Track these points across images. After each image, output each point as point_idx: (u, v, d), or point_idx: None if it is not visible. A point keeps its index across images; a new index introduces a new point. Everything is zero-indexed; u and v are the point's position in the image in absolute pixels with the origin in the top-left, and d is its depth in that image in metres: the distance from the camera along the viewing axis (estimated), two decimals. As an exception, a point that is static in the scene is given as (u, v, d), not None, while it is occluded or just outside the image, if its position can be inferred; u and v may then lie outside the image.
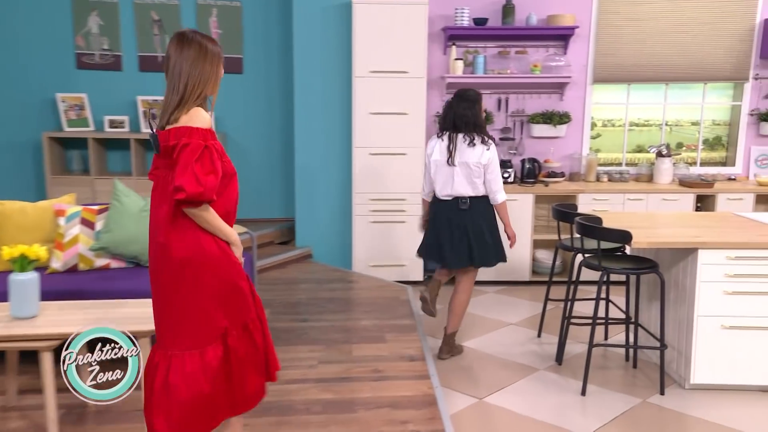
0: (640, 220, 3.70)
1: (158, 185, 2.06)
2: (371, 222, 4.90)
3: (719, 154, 5.50)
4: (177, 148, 1.96)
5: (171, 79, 2.02)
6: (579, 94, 5.26)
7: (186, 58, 2.02)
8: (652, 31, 5.15)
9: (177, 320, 2.07)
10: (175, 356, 2.08)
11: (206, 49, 2.04)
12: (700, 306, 3.18)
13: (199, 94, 2.03)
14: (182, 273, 2.04)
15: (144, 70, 5.39)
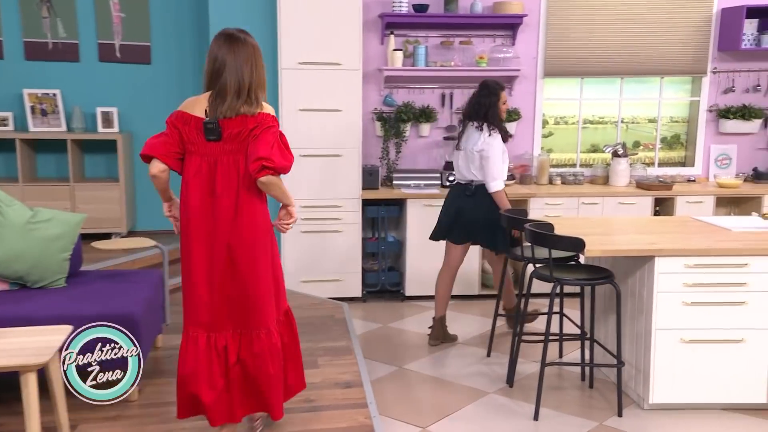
0: (595, 226, 3.71)
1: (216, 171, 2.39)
2: (303, 232, 4.76)
3: (678, 154, 5.59)
4: (261, 128, 2.38)
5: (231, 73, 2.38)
6: (529, 89, 5.27)
7: (243, 59, 2.40)
8: (605, 21, 5.21)
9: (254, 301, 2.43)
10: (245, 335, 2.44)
11: (256, 47, 2.45)
12: (658, 318, 3.17)
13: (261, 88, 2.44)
14: (260, 254, 2.43)
15: (31, 58, 5.07)
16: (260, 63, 2.46)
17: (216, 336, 2.43)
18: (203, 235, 2.42)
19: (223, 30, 2.46)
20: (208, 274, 2.42)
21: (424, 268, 4.89)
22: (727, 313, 3.15)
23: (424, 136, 5.21)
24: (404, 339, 4.23)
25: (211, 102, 2.40)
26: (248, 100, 2.40)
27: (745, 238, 3.30)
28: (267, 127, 2.40)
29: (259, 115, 2.42)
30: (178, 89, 5.32)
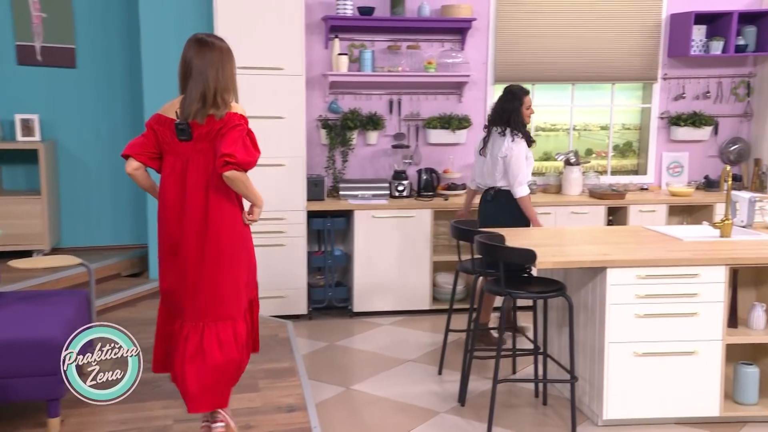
0: (547, 237, 3.76)
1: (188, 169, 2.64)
2: (243, 246, 4.68)
3: (631, 162, 5.74)
4: (227, 127, 2.61)
5: (197, 77, 2.63)
6: (479, 95, 5.33)
7: (208, 63, 2.64)
8: (555, 26, 5.32)
9: (217, 293, 2.67)
10: (208, 326, 2.68)
11: (224, 51, 2.69)
12: (611, 331, 3.22)
13: (228, 91, 2.66)
14: (226, 249, 2.67)
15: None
16: (228, 66, 2.69)
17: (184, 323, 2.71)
18: (176, 230, 2.68)
19: (194, 35, 2.73)
20: (180, 267, 2.69)
21: (373, 282, 4.88)
22: (679, 325, 3.23)
23: (371, 144, 5.21)
24: (352, 358, 4.20)
25: (181, 104, 2.66)
26: (215, 104, 2.63)
27: (696, 247, 3.40)
28: (233, 126, 2.63)
29: (227, 115, 2.65)
30: (106, 94, 5.18)
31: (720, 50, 5.20)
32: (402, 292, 4.93)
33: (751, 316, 3.34)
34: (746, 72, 5.46)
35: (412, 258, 4.89)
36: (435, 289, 5.05)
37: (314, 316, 4.94)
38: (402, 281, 4.91)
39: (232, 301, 2.71)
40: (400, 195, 5.03)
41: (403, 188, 5.04)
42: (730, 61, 5.42)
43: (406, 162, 5.19)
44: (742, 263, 3.24)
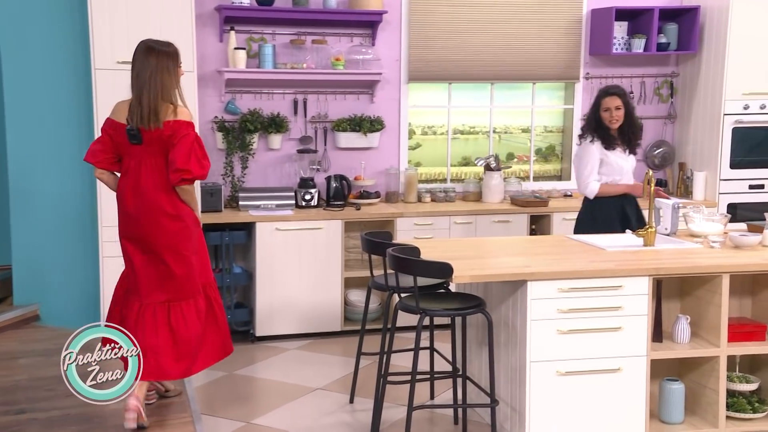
0: (466, 249, 3.77)
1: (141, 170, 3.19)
2: (127, 265, 4.49)
3: (554, 166, 5.87)
4: (177, 136, 3.13)
5: (142, 85, 3.14)
6: (393, 95, 5.34)
7: (155, 66, 3.13)
8: (472, 22, 5.39)
9: (178, 275, 3.26)
10: (173, 305, 3.27)
11: (171, 56, 3.18)
12: (532, 350, 3.25)
13: (171, 97, 3.16)
14: (184, 235, 3.25)
15: None
16: (174, 71, 3.19)
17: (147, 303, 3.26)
18: (133, 225, 3.23)
19: (143, 41, 3.24)
20: (140, 257, 3.26)
21: (278, 302, 4.79)
22: (603, 341, 3.28)
23: (274, 148, 5.13)
24: (255, 388, 4.10)
25: (130, 110, 3.17)
26: (159, 110, 3.14)
27: (619, 258, 3.48)
28: (182, 136, 3.13)
29: (174, 123, 3.15)
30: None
31: (642, 48, 5.40)
32: (310, 312, 4.85)
33: (676, 329, 3.44)
34: (669, 71, 5.69)
35: (321, 275, 4.83)
36: (347, 308, 5.00)
37: (211, 342, 4.80)
38: (310, 301, 4.84)
39: (189, 283, 3.30)
40: (308, 205, 4.98)
41: (310, 197, 4.99)
42: (653, 60, 5.64)
43: (314, 168, 5.14)
44: (665, 273, 3.34)
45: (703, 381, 3.46)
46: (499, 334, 3.47)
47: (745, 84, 5.23)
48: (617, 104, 4.19)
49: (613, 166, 4.22)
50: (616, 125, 4.21)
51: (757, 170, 5.36)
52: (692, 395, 3.50)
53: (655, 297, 3.43)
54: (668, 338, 3.48)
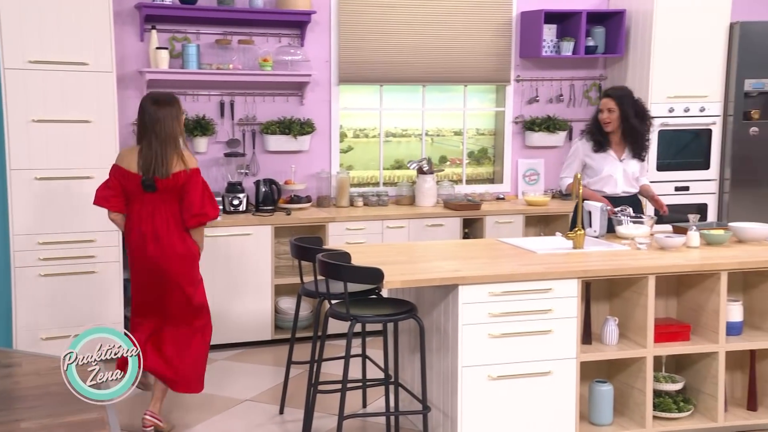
0: (398, 253, 3.76)
1: (155, 216, 3.52)
2: (42, 275, 4.35)
3: (486, 170, 5.91)
4: (191, 183, 3.50)
5: (152, 136, 3.46)
6: (323, 97, 5.30)
7: (165, 116, 3.46)
8: (403, 23, 5.39)
9: (189, 305, 3.63)
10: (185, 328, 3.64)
11: (174, 105, 3.52)
12: (464, 355, 3.25)
13: (178, 145, 3.50)
14: (193, 270, 3.65)
15: None
16: (179, 119, 3.53)
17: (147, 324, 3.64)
18: (140, 261, 3.59)
19: (148, 93, 3.64)
20: (145, 288, 3.64)
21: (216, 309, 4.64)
22: (534, 344, 3.31)
23: (200, 152, 5.03)
24: (180, 401, 3.99)
25: (142, 159, 3.47)
26: (171, 160, 3.46)
27: (549, 260, 3.51)
28: (196, 182, 3.51)
29: (186, 173, 3.49)
30: None
31: (571, 51, 5.50)
32: (239, 322, 4.76)
33: (604, 331, 3.49)
34: (597, 74, 5.81)
35: (250, 282, 4.75)
36: (278, 316, 4.93)
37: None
38: (239, 309, 4.75)
39: (204, 308, 3.70)
40: (236, 210, 4.89)
41: (238, 202, 4.91)
42: (581, 63, 5.74)
43: (242, 172, 5.06)
44: (593, 275, 3.39)
45: (631, 382, 3.52)
46: (432, 340, 3.47)
47: (669, 87, 5.37)
48: (610, 106, 4.21)
49: (595, 168, 4.25)
50: (608, 128, 4.22)
51: (682, 172, 5.51)
52: (621, 396, 3.56)
53: (584, 299, 3.47)
54: (597, 340, 3.53)
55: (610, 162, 4.26)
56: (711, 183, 5.54)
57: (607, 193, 4.26)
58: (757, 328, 3.66)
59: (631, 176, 4.29)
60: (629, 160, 4.28)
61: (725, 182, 5.53)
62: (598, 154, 4.26)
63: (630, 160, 4.28)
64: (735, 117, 5.45)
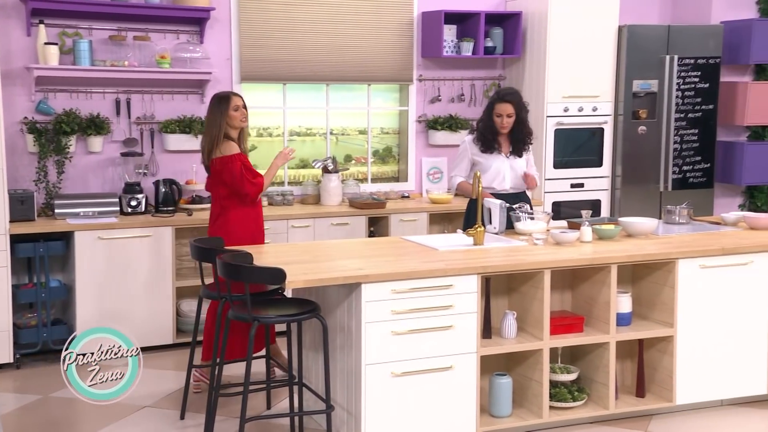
0: (302, 253, 3.75)
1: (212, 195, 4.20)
2: None
3: (391, 168, 5.96)
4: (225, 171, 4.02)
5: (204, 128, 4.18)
6: None
7: (208, 113, 4.10)
8: (305, 21, 5.36)
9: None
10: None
11: (212, 103, 4.07)
12: (367, 352, 3.26)
13: (219, 134, 4.02)
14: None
15: None
16: (214, 114, 4.03)
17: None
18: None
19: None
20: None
21: (103, 316, 4.52)
22: (436, 340, 3.35)
23: (95, 152, 4.87)
24: (75, 410, 3.87)
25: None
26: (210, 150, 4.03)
27: (450, 257, 3.57)
28: (229, 169, 3.99)
29: (221, 159, 4.00)
30: None
31: (470, 51, 5.60)
32: (139, 325, 4.58)
33: (504, 325, 3.58)
34: (496, 75, 5.94)
35: (150, 285, 4.64)
36: (180, 319, 4.83)
37: (23, 363, 4.49)
38: (139, 313, 4.62)
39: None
40: (134, 211, 4.77)
41: (137, 203, 4.78)
42: (481, 63, 5.86)
43: (140, 172, 4.94)
44: (492, 271, 3.46)
45: (529, 374, 3.62)
46: (335, 339, 3.46)
47: (564, 87, 5.55)
48: (509, 112, 4.28)
49: (483, 166, 4.33)
50: (505, 132, 4.32)
51: (577, 170, 5.71)
52: (519, 388, 3.65)
53: (484, 294, 3.54)
54: (497, 334, 3.61)
55: (499, 159, 4.38)
56: (604, 180, 5.76)
57: (497, 189, 4.36)
58: (644, 318, 3.84)
59: (519, 172, 4.41)
60: (516, 157, 4.41)
61: (617, 179, 5.76)
62: (487, 154, 4.37)
63: (516, 157, 4.41)
64: (625, 116, 5.69)
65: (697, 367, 3.77)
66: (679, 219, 4.36)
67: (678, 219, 4.36)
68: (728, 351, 3.82)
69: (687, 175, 5.87)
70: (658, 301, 3.78)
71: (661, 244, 3.88)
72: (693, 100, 5.82)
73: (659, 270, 3.75)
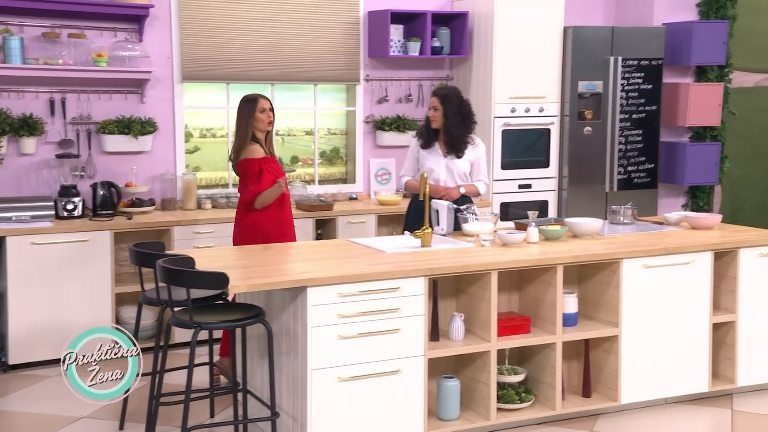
0: (247, 256, 3.72)
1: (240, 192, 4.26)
2: None
3: (339, 169, 5.94)
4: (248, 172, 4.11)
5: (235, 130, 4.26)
6: (166, 95, 5.17)
7: (237, 115, 4.19)
8: (249, 19, 5.31)
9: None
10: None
11: (240, 105, 4.17)
12: (313, 357, 3.24)
13: (244, 136, 4.12)
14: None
15: None
16: (241, 116, 4.13)
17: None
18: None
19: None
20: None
21: (35, 325, 4.42)
22: (383, 343, 3.34)
23: (28, 153, 4.76)
24: (5, 424, 3.76)
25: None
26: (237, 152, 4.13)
27: (398, 259, 3.57)
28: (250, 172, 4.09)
29: (245, 161, 4.09)
30: None
31: (417, 52, 5.62)
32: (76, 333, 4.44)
33: (451, 327, 3.60)
34: (444, 75, 5.98)
35: (88, 291, 4.54)
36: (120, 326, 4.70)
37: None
38: (76, 321, 4.49)
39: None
40: (70, 215, 4.66)
41: (73, 207, 4.67)
42: (428, 63, 5.89)
43: (77, 175, 4.84)
44: (440, 273, 3.47)
45: (477, 376, 3.65)
46: (281, 344, 3.44)
47: (511, 88, 5.61)
48: (435, 105, 4.37)
49: (421, 163, 4.44)
50: (434, 125, 4.41)
51: (525, 171, 5.78)
52: (467, 391, 3.68)
53: (431, 297, 3.55)
54: (444, 336, 3.62)
55: (435, 158, 4.43)
56: (551, 180, 5.85)
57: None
58: (590, 318, 3.91)
59: (458, 174, 4.42)
60: (454, 158, 4.43)
61: (564, 179, 5.86)
62: (426, 150, 4.44)
63: (456, 159, 4.43)
64: (571, 117, 5.79)
65: (642, 366, 3.85)
66: (623, 219, 4.45)
67: (623, 219, 4.45)
68: (671, 349, 3.91)
69: (632, 176, 6.00)
70: (604, 301, 3.85)
71: (606, 244, 3.95)
72: (637, 101, 5.96)
73: (604, 270, 3.82)
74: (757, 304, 4.08)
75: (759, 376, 4.13)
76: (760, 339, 4.09)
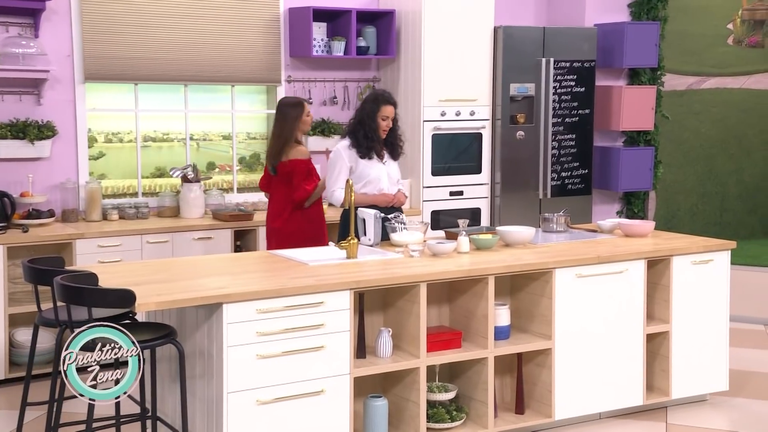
0: (157, 271, 3.65)
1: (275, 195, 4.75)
2: None
3: (259, 177, 5.86)
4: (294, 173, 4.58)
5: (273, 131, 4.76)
6: (66, 97, 5.08)
7: (276, 118, 4.69)
8: (159, 15, 5.25)
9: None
10: None
11: (280, 109, 4.66)
12: (230, 379, 3.20)
13: (288, 138, 4.58)
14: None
15: None
16: (282, 122, 4.58)
17: None
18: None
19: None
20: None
21: None
22: (306, 362, 3.32)
23: None
24: None
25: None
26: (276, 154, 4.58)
27: (321, 272, 3.56)
28: (299, 172, 4.53)
29: (294, 162, 4.53)
30: None
31: (342, 51, 5.63)
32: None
33: (378, 343, 3.60)
34: (371, 76, 6.01)
35: (-22, 313, 4.35)
36: (14, 350, 4.62)
37: None
38: (-36, 346, 4.31)
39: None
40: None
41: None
42: (354, 64, 5.91)
43: (-35, 184, 4.65)
44: (366, 286, 3.48)
45: (406, 394, 3.66)
46: (195, 366, 3.38)
47: (441, 90, 5.67)
48: (389, 114, 4.37)
49: (360, 173, 4.35)
50: (384, 135, 4.38)
51: (456, 177, 5.84)
52: (396, 410, 3.68)
53: (357, 311, 3.55)
54: (371, 353, 3.62)
55: (376, 166, 4.42)
56: (483, 187, 5.93)
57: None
58: (523, 331, 3.97)
59: (394, 179, 4.50)
60: (390, 163, 4.49)
61: (496, 186, 5.94)
62: (364, 160, 4.40)
63: (391, 163, 4.49)
64: (503, 121, 5.89)
65: (576, 380, 3.93)
66: (556, 227, 4.55)
67: (555, 227, 4.55)
68: (605, 362, 4.00)
69: (566, 182, 6.14)
70: (537, 313, 3.92)
71: (539, 253, 4.03)
72: (570, 104, 6.10)
73: (537, 280, 3.90)
74: (691, 314, 4.22)
75: (693, 387, 4.27)
76: (693, 349, 4.23)
